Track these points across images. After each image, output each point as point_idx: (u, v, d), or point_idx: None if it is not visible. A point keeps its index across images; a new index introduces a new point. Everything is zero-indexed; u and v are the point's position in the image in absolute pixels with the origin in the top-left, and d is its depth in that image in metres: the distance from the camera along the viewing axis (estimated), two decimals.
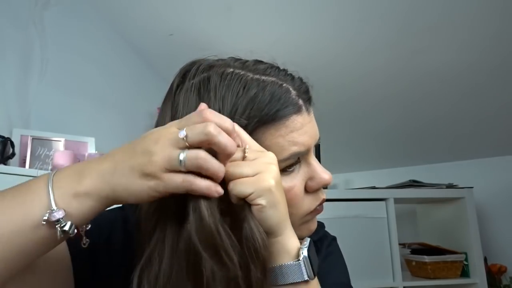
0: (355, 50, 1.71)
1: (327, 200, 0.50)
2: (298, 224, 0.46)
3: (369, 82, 1.85)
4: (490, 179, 2.00)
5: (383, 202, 1.78)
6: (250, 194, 0.36)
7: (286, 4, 1.55)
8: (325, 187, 0.51)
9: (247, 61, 0.47)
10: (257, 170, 0.37)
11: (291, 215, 0.43)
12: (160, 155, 0.34)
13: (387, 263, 1.71)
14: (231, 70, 0.44)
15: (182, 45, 1.89)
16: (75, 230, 0.36)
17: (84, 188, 0.35)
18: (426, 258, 1.74)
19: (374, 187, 1.90)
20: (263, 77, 0.44)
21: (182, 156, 0.33)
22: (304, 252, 0.38)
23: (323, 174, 0.46)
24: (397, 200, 1.80)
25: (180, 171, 0.34)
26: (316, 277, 0.40)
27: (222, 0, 1.59)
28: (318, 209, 0.48)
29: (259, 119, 0.42)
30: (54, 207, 0.34)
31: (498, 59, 1.55)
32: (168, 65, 2.07)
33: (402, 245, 1.87)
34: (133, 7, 1.76)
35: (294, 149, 0.43)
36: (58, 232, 0.34)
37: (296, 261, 0.38)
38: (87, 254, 0.45)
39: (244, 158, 0.38)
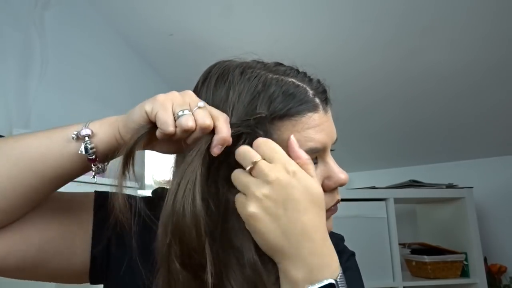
0: (352, 49, 1.71)
1: None
2: None
3: (366, 82, 1.85)
4: (490, 179, 2.00)
5: (383, 202, 1.78)
6: None
7: (286, 4, 1.55)
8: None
9: (268, 63, 0.49)
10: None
11: None
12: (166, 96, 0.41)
13: (387, 263, 1.71)
14: (252, 70, 0.46)
15: (182, 45, 1.89)
16: (94, 156, 0.41)
17: (108, 117, 0.44)
18: (426, 258, 1.74)
19: (374, 187, 1.90)
20: (282, 77, 0.46)
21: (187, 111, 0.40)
22: None
23: (340, 173, 0.46)
24: (397, 200, 1.80)
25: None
26: None
27: (223, 0, 1.59)
28: (333, 209, 0.48)
29: (275, 114, 0.43)
30: (84, 126, 0.42)
31: (498, 58, 1.55)
32: (168, 65, 2.08)
33: (402, 245, 1.87)
34: (133, 7, 1.76)
35: (310, 145, 0.44)
36: (82, 147, 0.40)
37: None
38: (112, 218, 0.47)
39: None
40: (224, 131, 0.39)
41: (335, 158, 0.48)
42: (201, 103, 0.40)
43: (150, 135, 0.41)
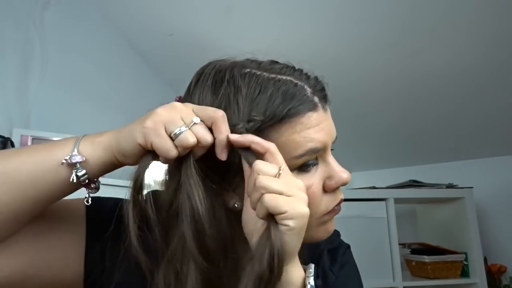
0: (355, 50, 1.71)
1: None
2: (315, 224, 0.46)
3: (369, 82, 1.85)
4: (490, 179, 2.00)
5: (383, 202, 1.78)
6: (283, 213, 0.36)
7: (286, 4, 1.55)
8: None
9: (262, 61, 0.47)
10: (291, 193, 0.37)
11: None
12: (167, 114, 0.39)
13: (387, 263, 1.71)
14: (248, 70, 0.45)
15: (182, 45, 1.89)
16: (87, 180, 0.41)
17: (99, 138, 0.42)
18: (426, 258, 1.74)
19: (374, 187, 1.90)
20: (278, 76, 0.44)
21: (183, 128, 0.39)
22: (311, 281, 0.38)
23: (341, 173, 0.45)
24: (397, 200, 1.80)
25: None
26: None
27: (222, 0, 1.59)
28: (336, 209, 0.47)
29: (274, 117, 0.42)
30: (75, 152, 0.40)
31: (498, 59, 1.55)
32: (168, 65, 2.08)
33: (402, 245, 1.87)
34: (134, 7, 1.76)
35: (310, 145, 0.43)
36: (73, 175, 0.40)
37: None
38: (101, 224, 0.47)
39: (278, 175, 0.38)
40: (224, 132, 0.40)
41: (336, 157, 0.47)
42: (196, 119, 0.40)
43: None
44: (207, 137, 0.39)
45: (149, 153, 0.40)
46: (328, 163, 0.46)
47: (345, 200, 1.67)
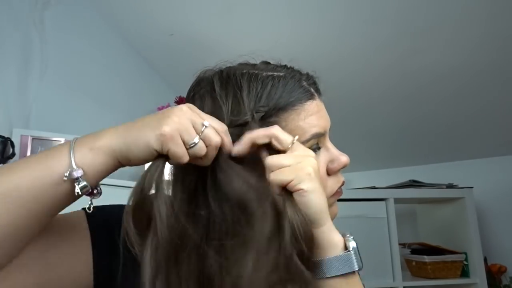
0: (353, 50, 1.71)
1: None
2: None
3: (369, 82, 1.85)
4: (490, 179, 2.00)
5: (383, 202, 1.78)
6: (291, 181, 0.40)
7: (286, 4, 1.55)
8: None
9: (256, 63, 0.51)
10: (296, 161, 0.41)
11: None
12: (178, 120, 0.40)
13: (387, 263, 1.71)
14: (245, 71, 0.48)
15: (182, 45, 1.89)
16: (90, 190, 0.40)
17: (99, 143, 0.40)
18: (426, 258, 1.74)
19: (374, 187, 1.90)
20: (275, 73, 0.48)
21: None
22: (353, 243, 0.41)
23: (341, 156, 0.50)
24: (397, 200, 1.80)
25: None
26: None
27: (222, 0, 1.59)
28: (339, 192, 0.52)
29: (279, 107, 0.46)
30: (74, 166, 0.38)
31: (498, 59, 1.55)
32: (168, 65, 2.08)
33: (402, 245, 1.87)
34: (133, 7, 1.76)
35: (314, 130, 0.47)
36: (76, 189, 0.39)
37: (346, 252, 0.40)
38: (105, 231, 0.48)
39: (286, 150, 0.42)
40: (228, 145, 0.43)
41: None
42: (206, 122, 0.41)
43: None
44: (217, 139, 0.41)
45: (161, 157, 0.41)
46: (328, 148, 0.50)
47: (345, 200, 1.68)
